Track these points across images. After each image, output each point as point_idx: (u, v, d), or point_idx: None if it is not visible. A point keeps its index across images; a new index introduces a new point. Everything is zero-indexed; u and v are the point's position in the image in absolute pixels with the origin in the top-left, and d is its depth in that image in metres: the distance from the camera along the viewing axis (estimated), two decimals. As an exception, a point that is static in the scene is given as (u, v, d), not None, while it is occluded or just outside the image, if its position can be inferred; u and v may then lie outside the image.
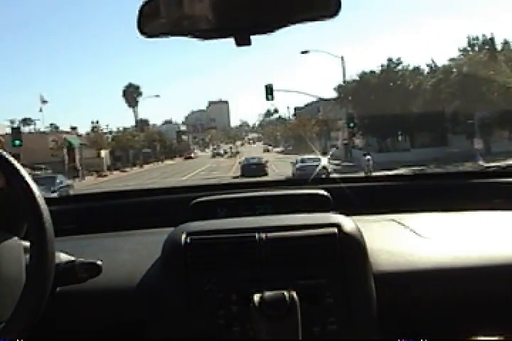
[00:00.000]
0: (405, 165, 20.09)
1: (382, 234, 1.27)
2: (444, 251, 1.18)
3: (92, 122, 49.97)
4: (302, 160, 25.43)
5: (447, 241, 1.22)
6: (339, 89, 35.13)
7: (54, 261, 0.95)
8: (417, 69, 32.34)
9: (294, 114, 69.48)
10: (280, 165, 31.58)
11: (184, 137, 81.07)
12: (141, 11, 1.02)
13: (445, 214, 1.45)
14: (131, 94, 70.98)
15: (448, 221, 1.39)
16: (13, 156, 0.96)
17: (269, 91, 29.58)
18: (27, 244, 0.98)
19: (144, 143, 52.67)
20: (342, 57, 34.32)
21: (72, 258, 1.08)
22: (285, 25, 1.01)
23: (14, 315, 0.90)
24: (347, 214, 1.22)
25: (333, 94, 35.86)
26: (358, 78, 33.59)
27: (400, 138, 33.51)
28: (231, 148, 79.01)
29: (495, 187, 1.69)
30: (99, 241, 1.41)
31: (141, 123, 65.09)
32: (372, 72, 33.32)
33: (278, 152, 61.03)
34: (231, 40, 1.03)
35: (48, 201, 0.97)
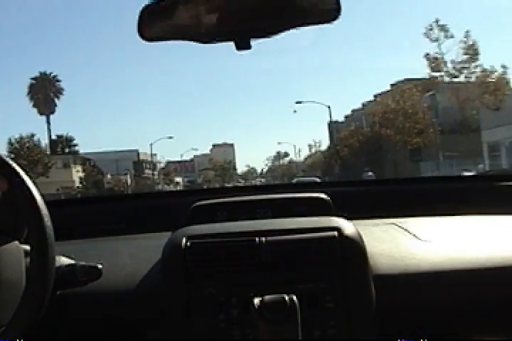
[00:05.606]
0: None
1: (383, 238, 1.27)
2: (444, 254, 1.18)
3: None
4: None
5: (447, 245, 1.22)
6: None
7: (54, 265, 0.95)
8: None
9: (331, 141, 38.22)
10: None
11: (149, 172, 48.87)
12: (140, 15, 1.02)
13: (445, 218, 1.45)
14: (43, 92, 38.53)
15: (448, 225, 1.39)
16: None
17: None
18: (27, 247, 0.98)
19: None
20: None
21: (73, 262, 1.08)
22: (285, 29, 1.01)
23: (14, 319, 0.90)
24: (347, 218, 1.22)
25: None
26: None
27: None
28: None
29: (495, 191, 1.69)
30: (99, 245, 1.41)
31: (58, 142, 37.41)
32: None
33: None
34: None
35: (49, 204, 0.97)
